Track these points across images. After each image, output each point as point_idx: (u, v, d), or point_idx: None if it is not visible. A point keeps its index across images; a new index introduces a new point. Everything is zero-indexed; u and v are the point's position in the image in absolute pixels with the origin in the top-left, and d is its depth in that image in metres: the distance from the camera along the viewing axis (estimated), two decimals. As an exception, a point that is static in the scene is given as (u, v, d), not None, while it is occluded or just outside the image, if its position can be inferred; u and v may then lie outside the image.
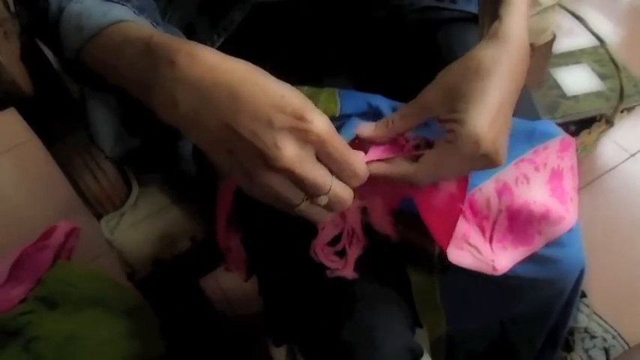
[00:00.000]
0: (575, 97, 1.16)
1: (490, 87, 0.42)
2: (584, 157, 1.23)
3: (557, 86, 1.19)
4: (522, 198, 0.55)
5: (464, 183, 0.50)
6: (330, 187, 0.38)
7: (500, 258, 0.55)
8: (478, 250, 0.54)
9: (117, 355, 1.00)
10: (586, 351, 0.96)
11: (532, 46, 0.86)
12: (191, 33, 0.61)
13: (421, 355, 0.56)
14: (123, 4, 0.45)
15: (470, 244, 0.53)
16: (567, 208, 0.57)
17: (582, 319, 0.99)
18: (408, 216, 0.52)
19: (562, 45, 1.27)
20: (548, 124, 0.58)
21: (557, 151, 0.57)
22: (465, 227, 0.53)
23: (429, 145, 0.47)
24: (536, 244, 0.57)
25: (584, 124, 1.15)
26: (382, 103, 0.60)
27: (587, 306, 1.01)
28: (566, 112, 1.14)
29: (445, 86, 0.43)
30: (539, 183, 0.56)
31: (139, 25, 0.43)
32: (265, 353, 0.72)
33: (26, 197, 1.30)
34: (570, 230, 0.57)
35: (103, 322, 1.07)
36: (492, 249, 0.55)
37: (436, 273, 0.60)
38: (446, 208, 0.49)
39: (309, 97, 0.58)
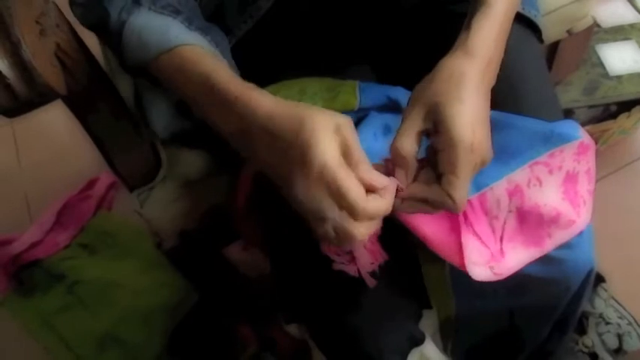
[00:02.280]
0: (619, 78, 1.11)
1: (463, 95, 0.45)
2: (621, 140, 1.20)
3: (600, 64, 1.14)
4: (533, 200, 0.56)
5: None
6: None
7: (510, 257, 0.56)
8: (490, 254, 0.55)
9: (153, 304, 1.08)
10: (599, 335, 0.97)
11: (570, 32, 0.83)
12: (220, 18, 0.62)
13: (422, 341, 0.60)
14: (174, 18, 0.51)
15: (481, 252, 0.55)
16: (579, 212, 0.57)
17: (599, 303, 1.00)
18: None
19: (611, 18, 1.21)
20: (569, 126, 0.58)
21: (574, 154, 0.57)
22: (472, 241, 0.54)
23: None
24: (547, 247, 0.57)
25: (624, 107, 1.11)
26: (402, 96, 0.60)
27: (606, 290, 1.01)
28: (606, 93, 1.10)
29: (424, 100, 0.45)
30: (552, 186, 0.57)
31: (195, 55, 0.49)
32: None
33: (73, 148, 1.36)
34: (580, 233, 0.58)
35: (139, 271, 1.14)
36: (502, 249, 0.56)
37: (447, 262, 0.62)
38: (441, 225, 0.50)
39: (329, 89, 0.60)
